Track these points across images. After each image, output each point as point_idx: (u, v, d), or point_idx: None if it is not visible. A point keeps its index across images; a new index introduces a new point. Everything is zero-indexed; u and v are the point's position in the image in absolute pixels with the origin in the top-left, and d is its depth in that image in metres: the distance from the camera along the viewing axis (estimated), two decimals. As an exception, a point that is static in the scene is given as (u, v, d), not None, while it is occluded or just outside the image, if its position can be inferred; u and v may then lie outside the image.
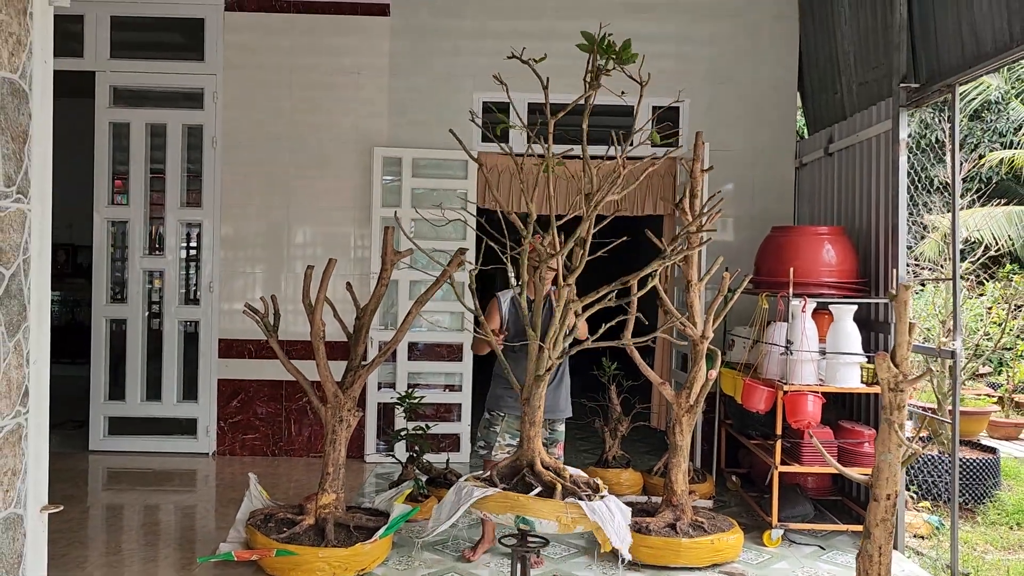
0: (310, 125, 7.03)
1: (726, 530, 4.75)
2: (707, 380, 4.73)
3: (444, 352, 7.08)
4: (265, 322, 4.73)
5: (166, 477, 6.38)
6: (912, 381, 3.20)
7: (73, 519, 5.19)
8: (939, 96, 4.99)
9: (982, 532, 5.87)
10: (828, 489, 5.84)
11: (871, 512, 3.41)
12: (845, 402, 5.94)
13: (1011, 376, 9.66)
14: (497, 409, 4.77)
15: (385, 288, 4.76)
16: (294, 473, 6.51)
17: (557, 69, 3.96)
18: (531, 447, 3.66)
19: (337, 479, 4.58)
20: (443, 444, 6.90)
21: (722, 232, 7.05)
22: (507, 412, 4.71)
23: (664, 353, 7.20)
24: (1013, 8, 4.22)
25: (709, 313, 4.84)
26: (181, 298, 7.17)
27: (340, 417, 4.59)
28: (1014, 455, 8.08)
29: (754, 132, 7.08)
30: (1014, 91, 15.41)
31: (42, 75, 1.93)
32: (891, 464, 3.33)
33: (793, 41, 7.08)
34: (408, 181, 6.91)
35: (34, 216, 1.92)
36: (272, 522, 4.55)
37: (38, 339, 1.99)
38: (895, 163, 5.18)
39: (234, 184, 7.01)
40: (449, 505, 3.51)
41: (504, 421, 4.74)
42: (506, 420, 4.73)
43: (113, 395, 7.07)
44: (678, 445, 4.82)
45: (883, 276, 5.46)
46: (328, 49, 7.02)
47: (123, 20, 7.03)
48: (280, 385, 6.95)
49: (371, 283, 6.58)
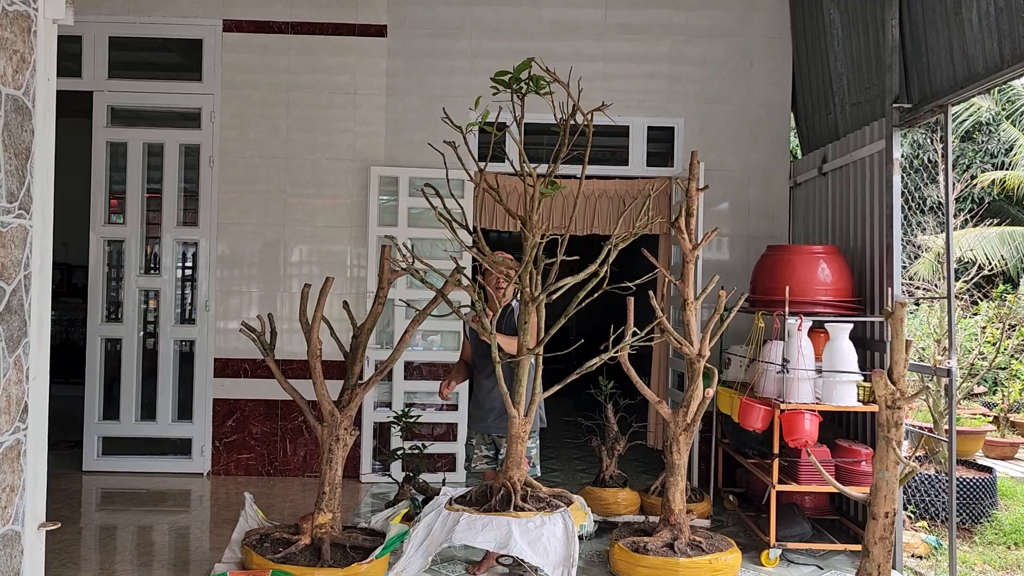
0: (307, 144, 7.06)
1: (724, 550, 4.73)
2: (704, 398, 4.73)
3: (440, 371, 7.06)
4: (262, 340, 4.71)
5: (160, 497, 6.34)
6: (909, 398, 3.22)
7: (66, 539, 5.15)
8: (931, 116, 5.04)
9: (980, 552, 5.85)
10: (825, 508, 5.83)
11: (869, 530, 3.41)
12: (842, 421, 5.95)
13: (1006, 396, 9.68)
14: (470, 427, 5.11)
15: (382, 307, 4.76)
16: (290, 493, 6.48)
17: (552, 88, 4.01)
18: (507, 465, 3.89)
19: (333, 498, 4.55)
20: (439, 464, 6.88)
21: (717, 251, 7.09)
22: (475, 429, 5.03)
23: (660, 372, 7.21)
24: (1003, 30, 4.27)
25: (706, 331, 4.86)
26: (177, 317, 7.16)
27: (336, 436, 4.57)
28: (1010, 475, 8.07)
29: (748, 152, 7.13)
30: (1005, 112, 15.56)
31: (45, 93, 1.94)
32: (889, 482, 3.34)
33: (786, 62, 7.14)
34: (404, 200, 6.93)
35: (35, 232, 1.93)
36: (268, 542, 4.52)
37: (38, 355, 1.99)
38: (889, 182, 5.21)
39: (231, 203, 7.03)
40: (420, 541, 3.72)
41: (477, 435, 5.01)
42: (479, 435, 5.00)
43: (107, 415, 7.03)
44: (675, 464, 4.81)
45: (878, 295, 5.48)
46: (325, 69, 7.07)
47: (121, 40, 7.07)
48: (276, 405, 6.92)
49: (367, 302, 6.58)
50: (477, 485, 4.44)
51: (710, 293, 4.97)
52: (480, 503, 4.11)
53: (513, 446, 4.20)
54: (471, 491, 4.32)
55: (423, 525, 3.96)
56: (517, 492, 4.02)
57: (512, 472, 4.11)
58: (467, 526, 3.75)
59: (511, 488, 4.04)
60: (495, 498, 4.03)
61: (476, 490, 4.31)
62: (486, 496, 4.17)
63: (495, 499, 4.01)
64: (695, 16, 7.17)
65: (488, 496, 4.14)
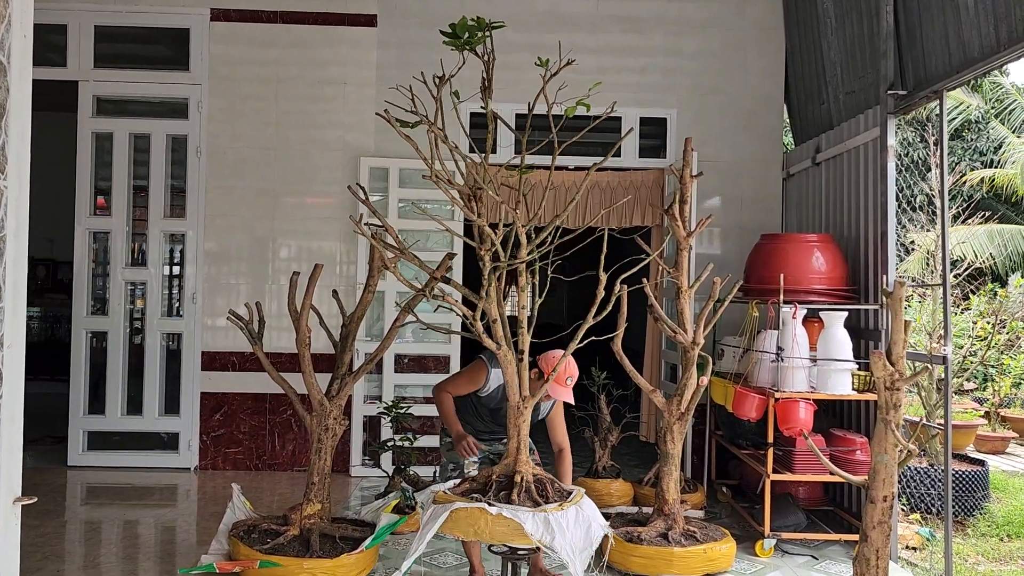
0: (296, 135, 6.98)
1: (718, 539, 4.68)
2: (699, 387, 4.67)
3: (431, 364, 6.99)
4: (249, 329, 4.64)
5: (147, 492, 6.24)
6: (909, 379, 3.17)
7: (49, 533, 5.05)
8: (927, 102, 5.01)
9: (973, 544, 5.82)
10: (820, 499, 5.79)
11: (868, 515, 3.36)
12: (836, 411, 5.91)
13: (997, 390, 9.68)
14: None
15: (372, 295, 4.69)
16: (278, 487, 6.39)
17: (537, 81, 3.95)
18: (512, 459, 3.59)
19: (323, 489, 4.48)
20: (430, 457, 6.79)
21: (709, 243, 7.05)
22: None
23: (653, 363, 7.15)
24: (1000, 14, 4.24)
25: (700, 320, 4.80)
26: (164, 310, 7.06)
27: (326, 426, 4.50)
28: (1002, 468, 8.06)
29: (741, 143, 7.09)
30: (993, 111, 15.62)
31: (21, 49, 1.87)
32: (888, 465, 3.28)
33: (779, 52, 7.11)
34: (395, 192, 6.87)
35: (11, 193, 1.85)
36: (256, 533, 4.44)
37: (13, 322, 1.91)
38: (883, 170, 5.18)
39: (218, 195, 6.93)
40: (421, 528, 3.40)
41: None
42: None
43: (93, 409, 6.92)
44: (669, 453, 4.76)
45: (872, 283, 5.45)
46: (315, 60, 6.99)
47: (107, 30, 6.97)
48: (264, 398, 6.83)
49: (357, 294, 6.50)
50: (467, 477, 3.90)
51: (704, 283, 4.91)
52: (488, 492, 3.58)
53: (516, 436, 3.89)
54: (468, 481, 3.75)
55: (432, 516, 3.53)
56: (531, 485, 3.67)
57: (522, 466, 3.62)
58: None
59: (526, 480, 3.57)
60: (518, 492, 3.50)
61: (475, 481, 3.75)
62: (489, 487, 3.62)
63: (518, 493, 3.49)
64: (689, 7, 7.13)
65: (497, 487, 3.60)
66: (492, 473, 3.62)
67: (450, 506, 3.35)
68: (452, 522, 3.32)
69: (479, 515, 3.30)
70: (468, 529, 3.31)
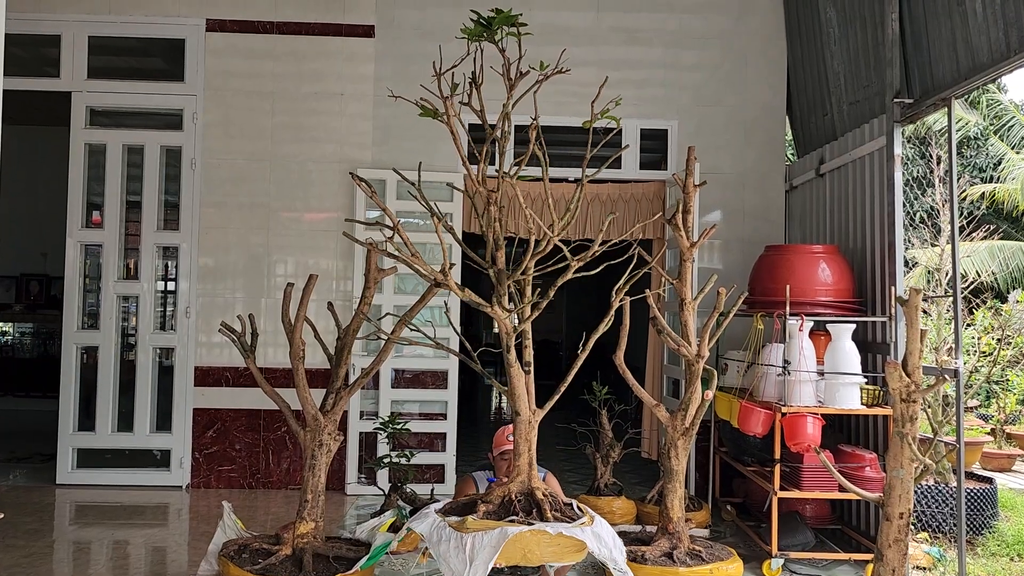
0: (292, 147, 6.88)
1: (725, 559, 4.53)
2: (703, 401, 4.55)
3: (428, 380, 6.86)
4: (242, 341, 4.51)
5: (137, 511, 6.08)
6: (925, 390, 3.05)
7: (35, 553, 4.88)
8: (934, 110, 4.93)
9: (983, 563, 5.67)
10: (827, 518, 5.64)
11: (883, 532, 3.23)
12: (844, 426, 5.78)
13: (1002, 407, 9.55)
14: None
15: (368, 307, 4.57)
16: (272, 506, 6.23)
17: (541, 93, 3.91)
18: (525, 476, 3.47)
19: (316, 507, 4.33)
20: (427, 475, 6.66)
21: (712, 256, 6.94)
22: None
23: (655, 379, 7.03)
24: (1009, 18, 4.16)
25: (704, 332, 4.68)
26: (157, 324, 6.93)
27: (320, 441, 4.36)
28: (1009, 486, 7.93)
29: (743, 155, 7.01)
30: (992, 127, 15.59)
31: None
32: (904, 480, 3.16)
33: (781, 63, 7.04)
34: (392, 204, 6.76)
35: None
36: (247, 552, 4.29)
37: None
38: (890, 179, 5.09)
39: (213, 206, 6.82)
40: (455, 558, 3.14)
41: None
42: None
43: (83, 425, 6.76)
44: (673, 470, 4.62)
45: (880, 295, 5.34)
46: (311, 71, 6.90)
47: (101, 40, 6.88)
48: (258, 415, 6.69)
49: (354, 307, 6.37)
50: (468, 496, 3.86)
51: (707, 295, 4.80)
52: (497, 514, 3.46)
53: (527, 451, 3.68)
54: (484, 503, 3.56)
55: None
56: (553, 499, 3.52)
57: (535, 482, 3.56)
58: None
59: (540, 498, 3.48)
60: (550, 509, 3.39)
61: (491, 503, 3.58)
62: (498, 507, 3.51)
63: (551, 510, 3.38)
64: (689, 19, 7.06)
65: (505, 508, 3.49)
66: (508, 492, 3.48)
67: (503, 532, 3.12)
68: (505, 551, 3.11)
69: (531, 538, 3.12)
70: (517, 554, 3.14)
